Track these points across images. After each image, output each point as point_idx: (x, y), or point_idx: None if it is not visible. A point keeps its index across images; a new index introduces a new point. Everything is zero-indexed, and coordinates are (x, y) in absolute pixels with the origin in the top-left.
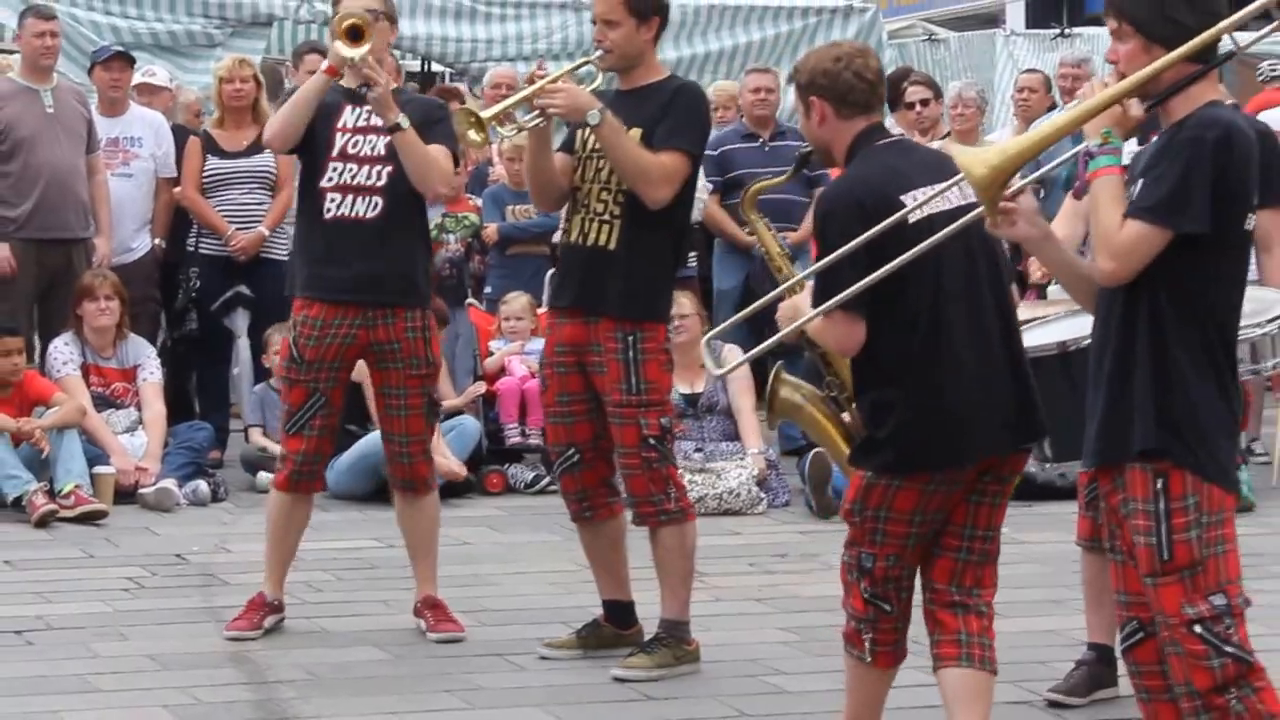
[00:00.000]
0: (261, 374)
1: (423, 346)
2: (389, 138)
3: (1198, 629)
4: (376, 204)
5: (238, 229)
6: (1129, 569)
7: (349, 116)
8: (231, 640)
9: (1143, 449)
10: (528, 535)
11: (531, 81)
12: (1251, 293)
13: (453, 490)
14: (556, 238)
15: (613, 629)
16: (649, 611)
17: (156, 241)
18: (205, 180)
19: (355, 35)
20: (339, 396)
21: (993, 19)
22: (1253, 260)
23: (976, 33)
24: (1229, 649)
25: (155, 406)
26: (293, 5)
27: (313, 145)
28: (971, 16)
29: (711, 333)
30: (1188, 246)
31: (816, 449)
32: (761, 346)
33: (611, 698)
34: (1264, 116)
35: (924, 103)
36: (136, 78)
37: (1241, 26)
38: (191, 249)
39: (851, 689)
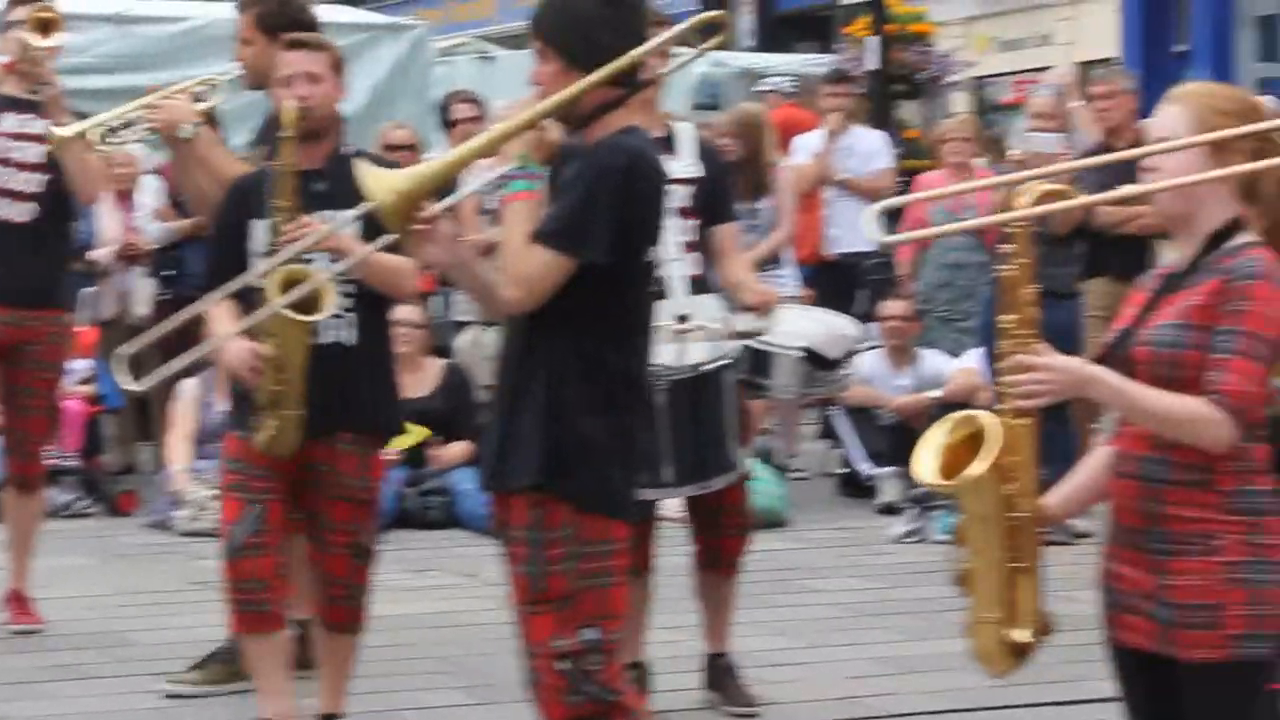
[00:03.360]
0: None
1: (59, 352)
2: (46, 145)
3: (560, 664)
4: (29, 209)
5: None
6: None
7: (7, 123)
8: None
9: (529, 483)
10: (62, 559)
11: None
12: (822, 316)
13: None
14: (94, 254)
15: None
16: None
17: None
18: None
19: (45, 28)
20: None
21: None
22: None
23: (528, 51)
24: (588, 687)
25: None
26: None
27: None
28: (525, 35)
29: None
30: (588, 277)
31: None
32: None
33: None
34: (801, 141)
35: (471, 120)
36: None
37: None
38: None
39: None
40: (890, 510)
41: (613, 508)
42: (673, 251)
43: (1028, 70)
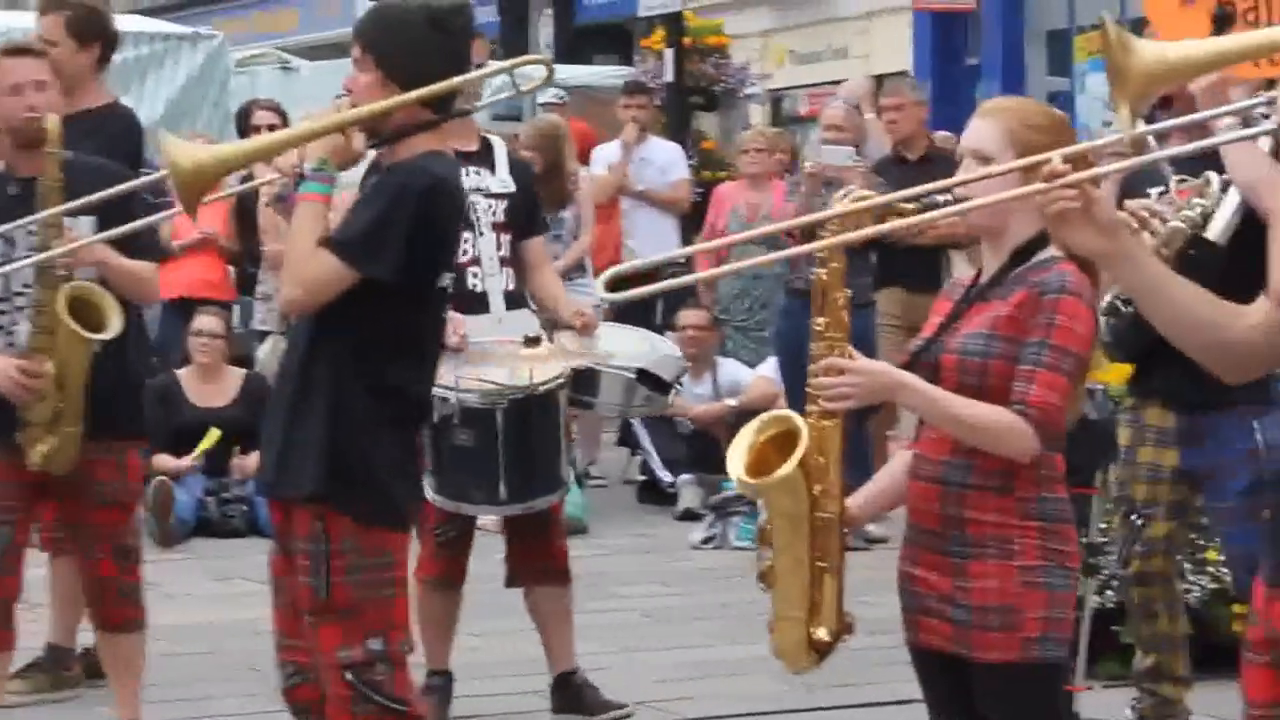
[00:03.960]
0: None
1: None
2: None
3: (348, 674)
4: None
5: None
6: (289, 612)
7: None
8: None
9: (310, 492)
10: None
11: None
12: (644, 335)
13: None
14: None
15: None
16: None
17: None
18: None
19: None
20: None
21: (348, 49)
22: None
23: (330, 61)
24: (376, 698)
25: None
26: None
27: None
28: (327, 45)
29: None
30: (377, 292)
31: (160, 477)
32: None
33: None
34: (600, 151)
35: (271, 127)
36: None
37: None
38: None
39: None
40: (690, 517)
41: (394, 522)
42: (490, 267)
43: (824, 83)
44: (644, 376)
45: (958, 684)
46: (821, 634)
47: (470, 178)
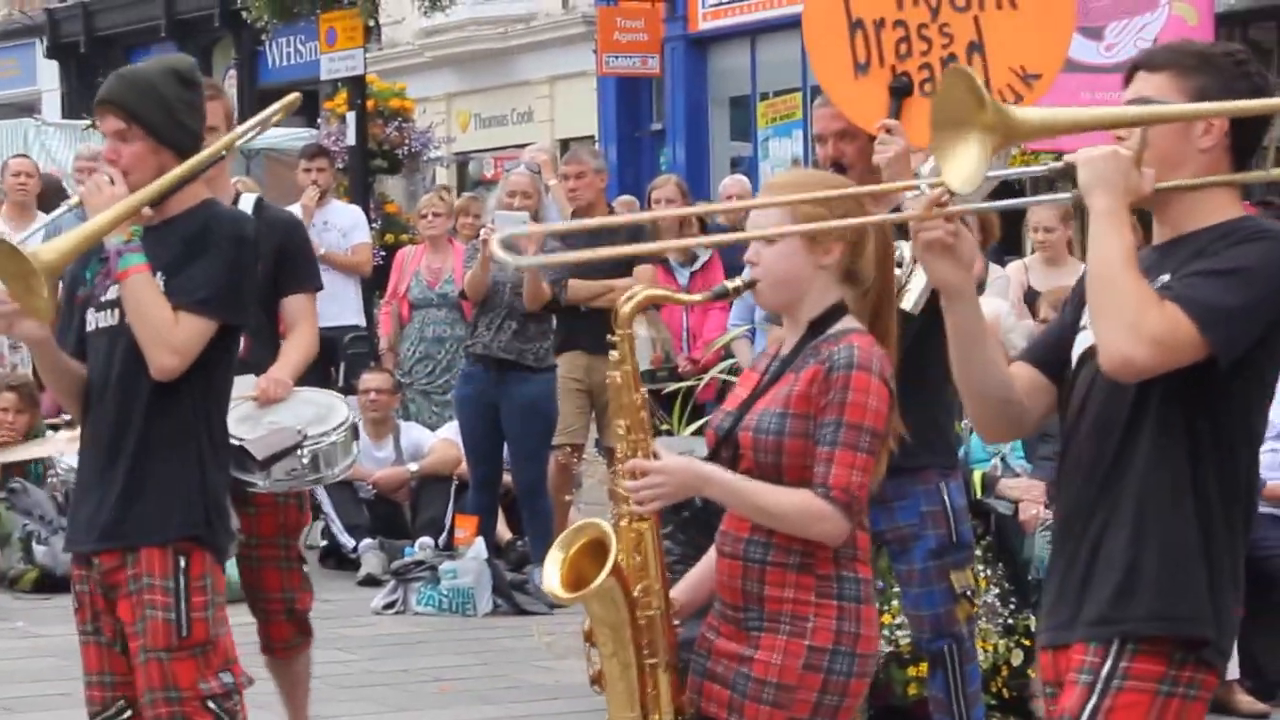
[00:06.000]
0: None
1: None
2: None
3: (211, 704)
4: None
5: None
6: (112, 651)
7: None
8: None
9: (181, 533)
10: None
11: None
12: (307, 394)
13: None
14: None
15: None
16: None
17: None
18: None
19: None
20: None
21: (29, 108)
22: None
23: (10, 121)
24: None
25: None
26: None
27: None
28: (7, 105)
29: None
30: (222, 338)
31: None
32: None
33: None
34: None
35: None
36: None
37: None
38: None
39: None
40: (371, 582)
41: (227, 560)
42: None
43: (509, 146)
44: (244, 451)
45: None
46: None
47: None
